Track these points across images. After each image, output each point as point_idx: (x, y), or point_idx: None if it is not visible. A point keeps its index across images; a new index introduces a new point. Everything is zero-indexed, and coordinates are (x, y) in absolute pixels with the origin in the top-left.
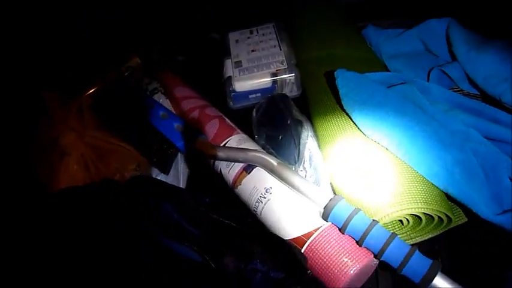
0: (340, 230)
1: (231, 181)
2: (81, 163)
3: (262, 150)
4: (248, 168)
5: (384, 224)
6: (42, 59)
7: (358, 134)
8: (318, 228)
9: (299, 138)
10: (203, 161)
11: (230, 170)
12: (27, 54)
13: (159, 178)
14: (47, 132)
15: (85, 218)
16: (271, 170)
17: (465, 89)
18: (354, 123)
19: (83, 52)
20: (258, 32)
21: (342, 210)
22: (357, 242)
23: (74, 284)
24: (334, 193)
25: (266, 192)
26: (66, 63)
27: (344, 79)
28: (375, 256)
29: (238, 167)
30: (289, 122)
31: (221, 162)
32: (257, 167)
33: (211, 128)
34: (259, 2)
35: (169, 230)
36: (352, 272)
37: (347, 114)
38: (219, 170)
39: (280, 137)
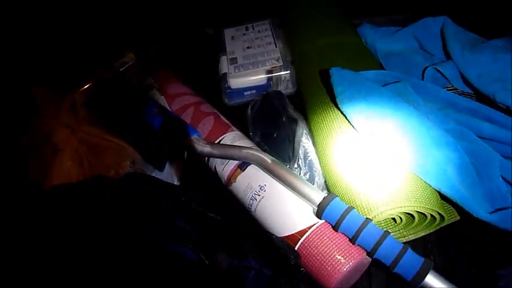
0: (333, 227)
1: (225, 178)
2: (75, 159)
3: (256, 147)
4: (243, 166)
5: (377, 222)
6: (34, 54)
7: (352, 132)
8: (312, 226)
9: (294, 135)
10: (197, 158)
11: (225, 168)
12: (19, 50)
13: (153, 175)
14: (38, 128)
15: (81, 216)
16: (266, 168)
17: (459, 87)
18: (348, 121)
19: (77, 48)
20: (253, 29)
21: (335, 208)
22: (350, 240)
23: (73, 284)
24: (328, 191)
25: (260, 189)
26: (60, 59)
27: (339, 77)
28: (368, 254)
29: (232, 164)
30: (284, 119)
31: (216, 159)
32: (251, 165)
33: (206, 125)
34: None
35: (165, 227)
36: (345, 269)
37: (341, 112)
38: (213, 167)
39: (275, 134)
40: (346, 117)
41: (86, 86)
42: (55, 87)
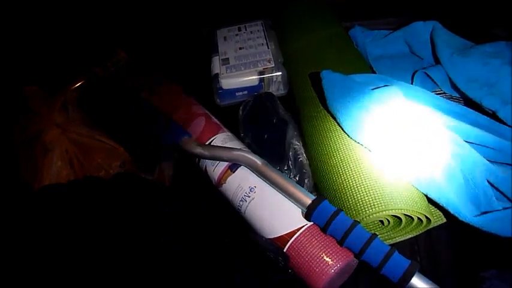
0: (322, 229)
1: (215, 179)
2: (65, 159)
3: (247, 149)
4: (233, 167)
5: (365, 224)
6: (26, 53)
7: (343, 135)
8: (301, 228)
9: (284, 137)
10: (188, 159)
11: (215, 169)
12: (11, 49)
13: (143, 176)
14: (29, 127)
15: (72, 217)
16: (256, 170)
17: (447, 91)
18: (338, 124)
19: (69, 47)
20: (246, 30)
21: (324, 211)
22: (338, 242)
23: (64, 284)
24: (318, 193)
25: (250, 191)
26: (52, 58)
27: (329, 80)
28: (355, 256)
29: (223, 165)
30: (275, 121)
31: (206, 160)
32: (242, 166)
33: (197, 126)
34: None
35: (154, 228)
36: (332, 271)
37: (332, 114)
38: (204, 168)
39: (265, 136)
40: (336, 120)
41: (77, 85)
42: (47, 86)
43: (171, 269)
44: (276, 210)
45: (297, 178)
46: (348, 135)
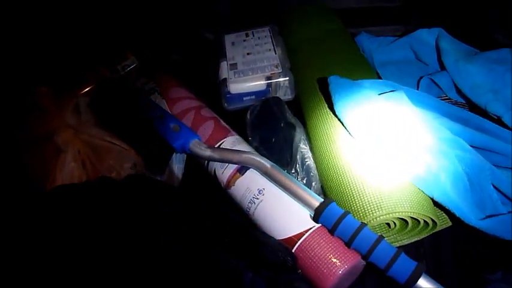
0: (329, 231)
1: (224, 182)
2: (78, 160)
3: (256, 152)
4: (242, 170)
5: (372, 226)
6: (38, 54)
7: (349, 138)
8: (309, 230)
9: (292, 141)
10: (198, 161)
11: (224, 171)
12: (23, 50)
13: (153, 177)
14: (38, 126)
15: (85, 217)
16: (265, 172)
17: (453, 97)
18: (345, 128)
19: (80, 50)
20: (253, 35)
21: (331, 213)
22: (346, 244)
23: (75, 285)
24: (325, 196)
25: (259, 193)
26: (63, 59)
27: (337, 85)
28: (363, 257)
29: (232, 168)
30: (282, 125)
31: (215, 163)
32: (250, 169)
33: (206, 129)
34: (255, 5)
35: (164, 229)
36: (340, 272)
37: (339, 119)
38: (213, 170)
39: (273, 140)
40: (343, 124)
41: (89, 88)
42: (58, 87)
43: (171, 269)
44: (284, 212)
45: (305, 181)
46: (354, 138)
